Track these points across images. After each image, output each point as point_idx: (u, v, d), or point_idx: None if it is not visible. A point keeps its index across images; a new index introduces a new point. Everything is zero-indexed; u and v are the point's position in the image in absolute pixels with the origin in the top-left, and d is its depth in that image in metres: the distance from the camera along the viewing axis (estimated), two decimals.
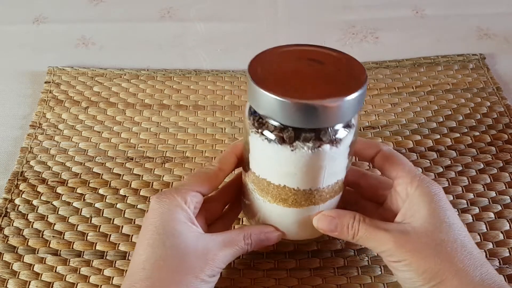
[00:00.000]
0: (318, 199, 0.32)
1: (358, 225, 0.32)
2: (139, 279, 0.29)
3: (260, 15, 0.62)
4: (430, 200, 0.31)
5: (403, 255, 0.30)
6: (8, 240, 0.39)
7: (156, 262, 0.29)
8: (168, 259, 0.29)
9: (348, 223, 0.32)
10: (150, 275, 0.29)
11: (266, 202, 0.33)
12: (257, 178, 0.32)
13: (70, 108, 0.50)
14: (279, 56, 0.30)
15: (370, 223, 0.32)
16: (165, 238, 0.30)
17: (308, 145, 0.29)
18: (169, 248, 0.30)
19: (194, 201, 0.32)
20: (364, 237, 0.32)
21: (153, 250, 0.30)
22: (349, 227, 0.32)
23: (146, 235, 0.30)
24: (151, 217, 0.31)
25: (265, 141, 0.29)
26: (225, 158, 0.34)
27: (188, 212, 0.31)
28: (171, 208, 0.31)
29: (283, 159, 0.30)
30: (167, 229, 0.30)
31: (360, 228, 0.32)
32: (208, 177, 0.33)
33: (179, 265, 0.29)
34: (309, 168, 0.30)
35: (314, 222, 0.33)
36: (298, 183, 0.31)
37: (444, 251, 0.29)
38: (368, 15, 0.62)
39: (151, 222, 0.31)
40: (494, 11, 0.62)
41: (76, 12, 0.63)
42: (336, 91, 0.27)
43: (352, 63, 0.30)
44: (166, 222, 0.30)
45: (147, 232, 0.30)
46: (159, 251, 0.29)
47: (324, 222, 0.33)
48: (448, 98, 0.50)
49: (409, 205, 0.32)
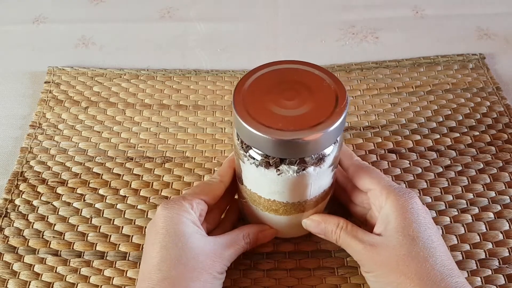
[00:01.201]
0: (307, 207, 0.35)
1: (340, 231, 0.34)
2: (157, 281, 0.30)
3: (260, 15, 0.62)
4: (397, 213, 0.32)
5: (371, 267, 0.32)
6: (8, 240, 0.39)
7: (171, 262, 0.30)
8: (182, 259, 0.31)
9: (332, 229, 0.34)
10: (167, 275, 0.30)
11: (259, 210, 0.35)
12: (249, 191, 0.34)
13: (70, 108, 0.50)
14: (262, 80, 0.31)
15: (349, 232, 0.33)
16: (177, 239, 0.31)
17: (293, 168, 0.30)
18: (181, 249, 0.31)
19: (199, 208, 0.34)
20: (344, 244, 0.34)
21: (167, 251, 0.31)
22: (333, 232, 0.34)
23: (157, 238, 0.32)
24: (161, 221, 0.32)
25: (253, 164, 0.31)
26: (224, 171, 0.36)
27: (195, 217, 0.33)
28: (179, 212, 0.32)
29: (270, 181, 0.31)
30: (178, 232, 0.32)
31: (340, 235, 0.34)
32: (212, 188, 0.35)
33: (193, 263, 0.31)
34: (295, 187, 0.31)
35: (303, 225, 0.36)
36: (286, 198, 0.33)
37: (404, 267, 0.30)
38: (368, 15, 0.62)
39: (162, 226, 0.32)
40: (494, 11, 0.62)
41: (76, 12, 0.63)
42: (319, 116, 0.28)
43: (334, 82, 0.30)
44: (176, 225, 0.32)
45: (158, 235, 0.32)
46: (173, 252, 0.31)
47: (312, 225, 0.36)
48: (448, 98, 0.50)
49: (381, 217, 0.33)
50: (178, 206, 0.33)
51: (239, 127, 0.29)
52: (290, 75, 0.31)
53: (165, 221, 0.32)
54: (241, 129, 0.29)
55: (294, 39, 0.59)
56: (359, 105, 0.50)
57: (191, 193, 0.34)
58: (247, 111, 0.28)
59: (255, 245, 0.36)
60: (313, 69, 0.31)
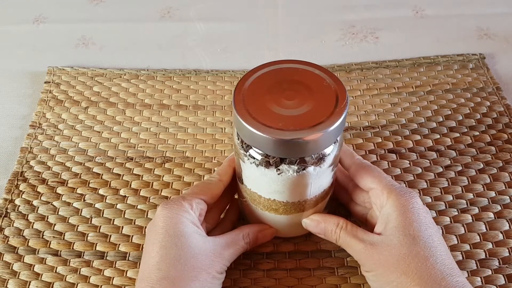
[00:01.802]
0: (307, 206, 0.35)
1: (340, 231, 0.34)
2: (156, 280, 0.30)
3: (260, 15, 0.62)
4: (398, 212, 0.32)
5: (371, 266, 0.32)
6: (8, 240, 0.39)
7: (171, 262, 0.30)
8: (181, 259, 0.31)
9: (331, 229, 0.34)
10: (166, 275, 0.30)
11: (259, 209, 0.35)
12: (249, 191, 0.34)
13: (70, 108, 0.50)
14: (262, 80, 0.31)
15: (349, 231, 0.33)
16: (177, 239, 0.31)
17: (294, 168, 0.30)
18: (181, 249, 0.31)
19: (199, 207, 0.34)
20: (343, 244, 0.34)
21: (167, 251, 0.31)
22: (332, 232, 0.34)
23: (157, 238, 0.32)
24: (160, 221, 0.32)
25: (253, 164, 0.31)
26: (223, 170, 0.36)
27: (194, 217, 0.33)
28: (179, 212, 0.32)
29: (270, 180, 0.31)
30: (177, 231, 0.32)
31: (340, 234, 0.34)
32: (211, 187, 0.35)
33: (192, 263, 0.31)
34: (295, 186, 0.32)
35: (303, 225, 0.36)
36: (286, 198, 0.33)
37: (405, 266, 0.30)
38: (368, 15, 0.62)
39: (161, 226, 0.32)
40: (494, 11, 0.62)
41: (76, 12, 0.63)
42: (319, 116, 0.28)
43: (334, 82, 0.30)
44: (175, 225, 0.32)
45: (157, 235, 0.32)
46: (172, 251, 0.31)
47: (311, 225, 0.36)
48: (448, 98, 0.50)
49: (381, 217, 0.33)
50: (177, 206, 0.33)
51: (239, 127, 0.29)
52: (290, 74, 0.31)
53: (165, 221, 0.32)
54: (241, 129, 0.29)
55: (294, 39, 0.59)
56: (359, 105, 0.50)
57: (190, 193, 0.34)
58: (247, 111, 0.28)
59: (255, 245, 0.36)
60: (313, 68, 0.31)
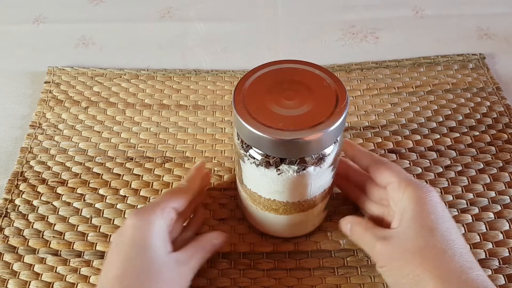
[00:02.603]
0: (307, 206, 0.35)
1: (353, 225, 0.34)
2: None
3: (260, 15, 0.62)
4: (415, 204, 0.31)
5: (384, 261, 0.31)
6: (8, 240, 0.39)
7: (134, 274, 0.30)
8: (145, 272, 0.30)
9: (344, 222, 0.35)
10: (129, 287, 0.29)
11: (259, 209, 0.35)
12: (249, 191, 0.34)
13: (70, 108, 0.50)
14: (262, 80, 0.31)
15: (364, 227, 0.33)
16: (142, 252, 0.31)
17: (294, 168, 0.30)
18: (145, 262, 0.30)
19: (169, 217, 0.33)
20: (355, 237, 0.34)
21: (131, 263, 0.30)
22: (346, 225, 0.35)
23: (123, 249, 0.31)
24: (128, 232, 0.32)
25: (253, 164, 0.31)
26: (192, 178, 0.37)
27: (163, 228, 0.33)
28: (149, 224, 0.32)
29: (270, 180, 0.31)
30: (144, 243, 0.31)
31: (353, 227, 0.34)
32: (182, 192, 0.35)
33: (156, 277, 0.30)
34: (295, 186, 0.32)
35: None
36: (286, 198, 0.33)
37: (421, 258, 0.29)
38: (368, 15, 0.62)
39: (128, 237, 0.31)
40: (494, 11, 0.62)
41: (76, 12, 0.63)
42: (319, 116, 0.28)
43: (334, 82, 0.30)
44: (143, 237, 0.31)
45: (123, 246, 0.31)
46: (137, 263, 0.30)
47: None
48: (448, 98, 0.50)
49: (398, 210, 0.32)
50: (148, 216, 0.32)
51: (240, 127, 0.29)
52: (290, 74, 0.31)
53: (133, 232, 0.32)
54: (241, 129, 0.29)
55: (294, 39, 0.59)
56: (359, 105, 0.50)
57: (162, 201, 0.34)
58: (248, 111, 0.28)
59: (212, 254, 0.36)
60: (314, 68, 0.31)
